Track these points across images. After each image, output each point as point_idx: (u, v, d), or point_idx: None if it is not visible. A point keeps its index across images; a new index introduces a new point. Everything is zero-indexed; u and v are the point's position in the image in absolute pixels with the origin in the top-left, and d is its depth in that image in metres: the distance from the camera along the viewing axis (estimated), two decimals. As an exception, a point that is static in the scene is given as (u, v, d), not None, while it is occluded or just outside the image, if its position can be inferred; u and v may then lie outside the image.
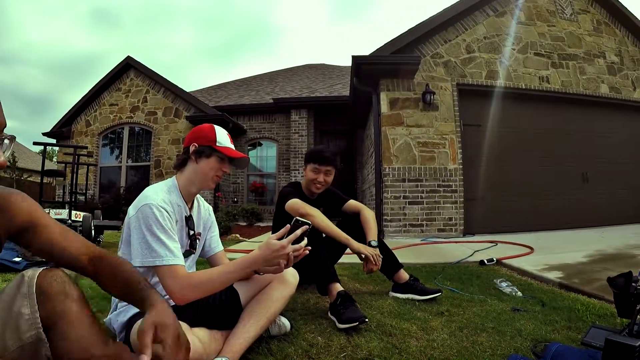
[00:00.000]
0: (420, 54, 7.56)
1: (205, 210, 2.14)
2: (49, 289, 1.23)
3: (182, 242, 1.90)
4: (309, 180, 3.08)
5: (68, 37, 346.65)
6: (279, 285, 1.92)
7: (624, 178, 8.77)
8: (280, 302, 1.91)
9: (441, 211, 7.30)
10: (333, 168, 3.04)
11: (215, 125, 2.00)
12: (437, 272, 3.91)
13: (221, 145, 1.91)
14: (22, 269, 3.71)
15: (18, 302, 1.19)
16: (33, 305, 1.19)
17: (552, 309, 2.59)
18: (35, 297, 1.20)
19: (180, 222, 1.89)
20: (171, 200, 1.84)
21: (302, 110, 12.66)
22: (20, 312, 1.17)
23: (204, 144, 1.90)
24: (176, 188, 1.92)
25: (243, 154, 2.01)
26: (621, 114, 8.88)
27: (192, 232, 1.97)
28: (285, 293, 1.93)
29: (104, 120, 12.79)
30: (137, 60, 12.65)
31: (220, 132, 1.95)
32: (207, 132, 1.93)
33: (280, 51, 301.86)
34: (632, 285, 1.65)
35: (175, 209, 1.84)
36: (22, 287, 1.21)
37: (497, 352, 1.87)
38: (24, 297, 1.19)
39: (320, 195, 3.18)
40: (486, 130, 7.78)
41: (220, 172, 1.94)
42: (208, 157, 1.90)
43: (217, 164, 1.92)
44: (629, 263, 3.89)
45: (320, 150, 3.09)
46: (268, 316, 1.85)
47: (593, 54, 8.54)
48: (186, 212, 1.94)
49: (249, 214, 10.36)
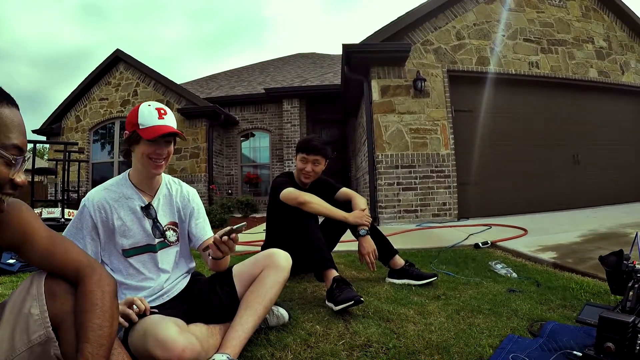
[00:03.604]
0: (411, 41, 7.56)
1: (182, 196, 2.03)
2: (57, 289, 1.24)
3: (145, 232, 1.86)
4: (298, 170, 3.10)
5: (57, 32, 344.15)
6: (272, 271, 1.91)
7: (613, 159, 8.90)
8: (275, 289, 1.89)
9: (435, 196, 7.33)
10: (321, 157, 3.05)
11: (150, 103, 1.87)
12: (432, 256, 3.94)
13: (144, 127, 1.77)
14: (16, 271, 3.74)
15: (28, 304, 1.20)
16: (42, 305, 1.20)
17: (547, 289, 2.63)
18: (44, 297, 1.21)
19: (131, 214, 1.85)
20: (111, 195, 1.83)
21: (294, 100, 12.59)
22: (30, 312, 1.19)
23: (130, 129, 1.80)
24: (126, 180, 1.90)
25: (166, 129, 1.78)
26: (610, 97, 8.99)
27: (156, 222, 1.90)
28: (279, 278, 1.91)
29: (94, 116, 12.63)
30: (127, 53, 12.47)
31: (144, 111, 1.80)
32: (131, 116, 1.80)
33: (271, 41, 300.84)
34: (624, 263, 1.68)
35: (115, 202, 1.83)
36: (31, 289, 1.23)
37: (494, 333, 1.90)
38: (33, 298, 1.21)
39: (312, 185, 3.20)
40: (477, 116, 7.82)
41: (155, 154, 1.80)
42: (138, 143, 1.79)
43: (149, 147, 1.78)
44: (621, 242, 3.93)
45: (309, 139, 3.11)
46: (265, 304, 1.84)
47: (582, 39, 8.61)
48: (141, 202, 1.87)
49: (244, 206, 10.32)
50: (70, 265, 1.30)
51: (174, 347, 1.44)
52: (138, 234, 1.84)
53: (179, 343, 1.45)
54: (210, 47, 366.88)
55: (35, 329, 1.18)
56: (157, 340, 1.45)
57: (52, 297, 1.22)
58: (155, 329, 1.50)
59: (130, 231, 1.82)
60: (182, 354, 1.44)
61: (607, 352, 1.38)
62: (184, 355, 1.44)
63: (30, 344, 1.16)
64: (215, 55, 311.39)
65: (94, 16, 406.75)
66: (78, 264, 1.31)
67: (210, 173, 11.72)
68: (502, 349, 1.70)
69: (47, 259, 1.29)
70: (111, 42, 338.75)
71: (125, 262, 1.82)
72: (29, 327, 1.17)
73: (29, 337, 1.17)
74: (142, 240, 1.84)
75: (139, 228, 1.85)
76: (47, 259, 1.29)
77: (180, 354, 1.44)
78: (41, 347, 1.17)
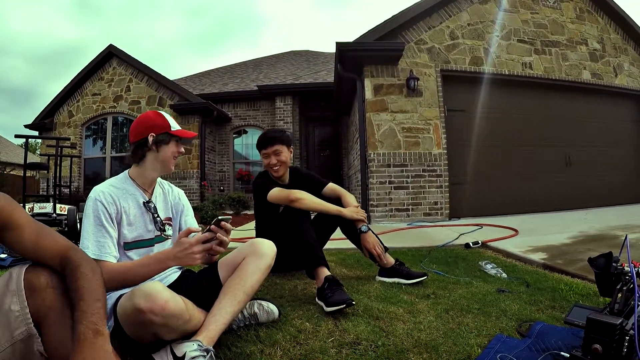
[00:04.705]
0: (404, 40, 7.57)
1: (174, 195, 2.18)
2: (37, 284, 1.23)
3: (146, 227, 1.96)
4: (266, 167, 3.10)
5: (51, 27, 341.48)
6: (253, 259, 1.92)
7: (605, 161, 8.96)
8: (256, 274, 1.89)
9: (427, 195, 7.35)
10: (280, 145, 3.02)
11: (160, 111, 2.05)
12: (423, 255, 3.95)
13: (175, 129, 2.01)
14: (8, 265, 3.71)
15: (7, 300, 1.19)
16: (22, 301, 1.19)
17: (536, 290, 2.63)
18: (24, 292, 1.20)
19: (138, 209, 1.94)
20: (118, 191, 1.89)
21: (287, 97, 12.58)
22: (10, 309, 1.18)
23: (161, 132, 1.97)
24: (127, 178, 1.98)
25: (193, 133, 2.16)
26: (603, 99, 9.06)
27: (156, 216, 2.00)
28: (261, 265, 1.92)
29: (86, 111, 12.55)
30: (120, 49, 12.38)
31: (168, 117, 2.03)
32: (160, 120, 1.99)
33: (265, 38, 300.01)
34: (613, 265, 1.69)
35: (123, 197, 1.89)
36: (10, 284, 1.21)
37: (482, 333, 1.90)
38: (12, 294, 1.19)
39: (296, 181, 3.18)
40: (470, 116, 7.85)
41: (178, 153, 2.04)
42: (167, 144, 1.98)
43: (175, 147, 2.02)
44: (611, 244, 3.95)
45: (263, 134, 3.12)
46: (245, 290, 1.83)
47: (575, 41, 8.65)
48: (143, 198, 1.98)
49: (236, 202, 10.29)
50: (54, 249, 1.31)
51: (159, 297, 1.47)
52: (140, 227, 1.93)
53: (163, 294, 1.49)
54: (203, 43, 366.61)
55: (16, 326, 1.17)
56: (143, 292, 1.49)
57: (32, 292, 1.21)
58: (142, 285, 1.55)
59: (134, 224, 1.90)
60: (165, 304, 1.47)
61: (594, 354, 1.39)
62: (167, 306, 1.47)
63: (13, 341, 1.16)
64: (208, 51, 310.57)
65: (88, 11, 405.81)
66: (62, 249, 1.32)
67: (202, 169, 11.69)
68: (490, 348, 1.70)
69: (32, 245, 1.29)
70: (105, 38, 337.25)
71: (124, 255, 1.89)
72: (11, 324, 1.16)
73: (11, 333, 1.16)
74: (143, 234, 1.93)
75: (142, 221, 1.94)
76: (32, 245, 1.29)
77: (164, 304, 1.47)
78: (24, 344, 1.17)
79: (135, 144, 1.96)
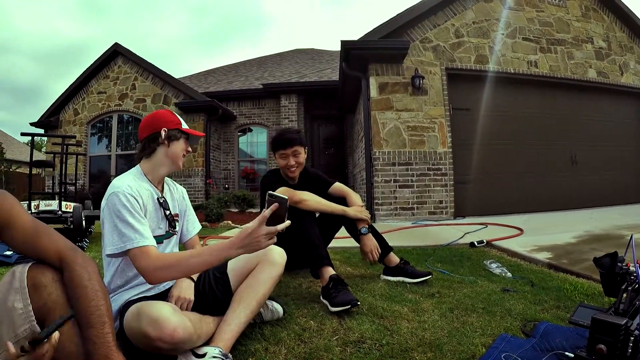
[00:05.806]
0: (409, 38, 7.55)
1: (179, 193, 2.18)
2: (40, 281, 1.24)
3: (159, 223, 1.95)
4: (282, 167, 3.08)
5: (56, 26, 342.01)
6: (266, 266, 1.93)
7: (611, 160, 8.90)
8: (269, 284, 1.91)
9: (431, 194, 7.35)
10: (299, 147, 3.00)
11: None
12: (427, 254, 3.95)
13: (185, 127, 2.06)
14: (13, 262, 3.72)
15: (11, 297, 1.20)
16: (25, 299, 1.20)
17: (541, 289, 2.63)
18: (27, 290, 1.21)
19: (153, 204, 1.93)
20: (138, 186, 1.86)
21: (292, 96, 12.56)
22: (14, 306, 1.19)
23: (173, 127, 2.00)
24: (141, 174, 1.96)
25: (202, 133, 2.34)
26: (609, 98, 9.00)
27: (168, 212, 2.00)
28: (274, 273, 1.94)
29: (92, 109, 12.59)
30: (125, 47, 12.42)
31: (179, 116, 2.08)
32: (173, 117, 2.04)
33: (270, 36, 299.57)
34: (618, 265, 1.68)
35: (143, 192, 1.86)
36: (14, 282, 1.22)
37: (487, 332, 1.90)
38: (16, 292, 1.20)
39: (304, 180, 3.18)
40: (475, 114, 7.82)
41: (186, 151, 2.07)
42: (178, 140, 2.01)
43: (185, 144, 2.05)
44: (616, 243, 3.93)
45: (281, 134, 3.08)
46: (258, 299, 1.85)
47: (581, 39, 8.60)
48: (158, 195, 1.97)
49: (241, 200, 10.29)
50: (52, 248, 1.32)
51: (166, 326, 1.46)
52: (153, 223, 1.90)
53: (171, 321, 1.47)
54: (209, 42, 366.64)
55: (20, 323, 1.18)
56: (150, 318, 1.48)
57: (36, 288, 1.22)
58: (149, 308, 1.53)
59: (149, 220, 1.87)
60: (173, 333, 1.46)
61: (599, 354, 1.38)
62: (175, 334, 1.46)
63: (17, 338, 1.16)
64: (213, 50, 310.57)
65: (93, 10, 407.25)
66: (61, 248, 1.33)
67: (208, 167, 11.70)
68: (494, 348, 1.70)
69: (31, 244, 1.31)
70: (110, 37, 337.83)
71: None
72: (14, 322, 1.17)
73: (15, 331, 1.17)
74: (155, 230, 1.90)
75: (155, 217, 1.93)
76: (31, 244, 1.31)
77: (172, 332, 1.46)
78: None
79: (147, 137, 1.97)
